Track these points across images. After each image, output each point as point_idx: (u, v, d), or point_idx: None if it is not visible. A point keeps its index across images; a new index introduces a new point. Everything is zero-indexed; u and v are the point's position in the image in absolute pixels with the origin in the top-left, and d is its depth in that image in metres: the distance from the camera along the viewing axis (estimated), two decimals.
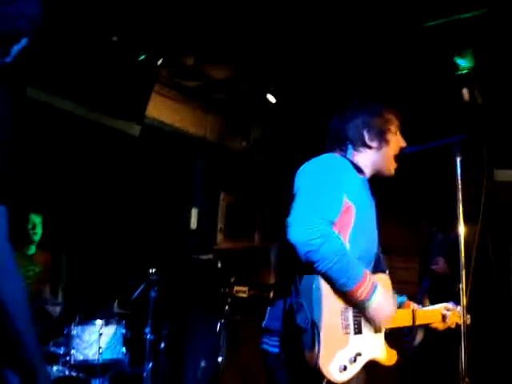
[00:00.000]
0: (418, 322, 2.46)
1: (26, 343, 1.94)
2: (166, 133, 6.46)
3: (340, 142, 2.43)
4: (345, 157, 2.37)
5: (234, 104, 6.67)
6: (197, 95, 6.54)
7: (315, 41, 4.97)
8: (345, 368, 2.00)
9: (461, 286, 2.22)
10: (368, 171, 2.42)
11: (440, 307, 2.61)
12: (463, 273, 2.22)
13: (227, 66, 5.80)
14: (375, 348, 2.19)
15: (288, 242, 2.03)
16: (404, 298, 2.58)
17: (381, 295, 2.10)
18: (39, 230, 4.98)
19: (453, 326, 2.60)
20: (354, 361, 2.06)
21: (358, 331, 2.11)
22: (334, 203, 2.13)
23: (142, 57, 5.32)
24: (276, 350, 2.13)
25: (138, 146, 5.92)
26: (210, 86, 6.31)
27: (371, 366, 2.22)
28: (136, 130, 5.74)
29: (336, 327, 2.03)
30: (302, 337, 1.96)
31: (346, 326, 2.07)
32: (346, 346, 2.05)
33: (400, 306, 2.52)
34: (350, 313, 2.09)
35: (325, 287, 2.01)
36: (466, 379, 2.08)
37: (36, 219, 4.95)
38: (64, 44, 4.84)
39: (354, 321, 2.10)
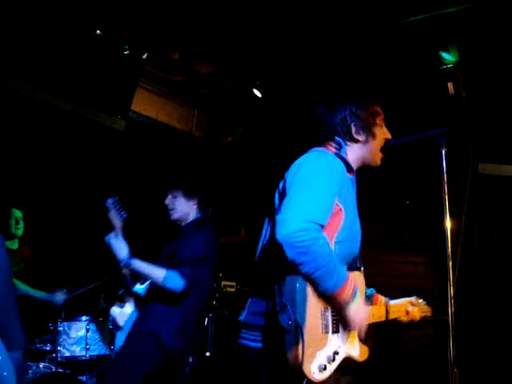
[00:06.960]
0: (390, 317, 2.51)
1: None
2: (151, 127, 6.43)
3: (329, 135, 2.36)
4: (338, 154, 2.30)
5: (219, 99, 6.66)
6: (182, 90, 6.51)
7: (301, 35, 4.98)
8: (324, 368, 2.01)
9: (448, 276, 2.24)
10: (355, 165, 2.37)
11: (405, 301, 2.69)
12: (450, 263, 2.23)
13: (213, 60, 5.78)
14: (350, 345, 2.21)
15: (275, 240, 1.99)
16: (373, 291, 2.58)
17: (360, 300, 2.12)
18: (22, 225, 4.93)
19: (416, 319, 2.69)
20: (333, 360, 2.07)
21: (336, 330, 2.12)
22: (326, 207, 2.07)
23: (127, 51, 5.29)
24: (259, 344, 2.12)
25: (123, 140, 5.88)
26: (196, 80, 6.29)
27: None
28: (121, 125, 5.69)
29: (317, 327, 2.03)
30: (284, 337, 1.95)
31: (326, 326, 2.07)
32: (325, 346, 2.06)
33: (369, 298, 2.52)
34: (329, 312, 2.09)
35: (308, 288, 2.00)
36: (455, 369, 2.10)
37: (18, 214, 4.89)
38: (48, 38, 4.79)
39: (333, 320, 2.10)
